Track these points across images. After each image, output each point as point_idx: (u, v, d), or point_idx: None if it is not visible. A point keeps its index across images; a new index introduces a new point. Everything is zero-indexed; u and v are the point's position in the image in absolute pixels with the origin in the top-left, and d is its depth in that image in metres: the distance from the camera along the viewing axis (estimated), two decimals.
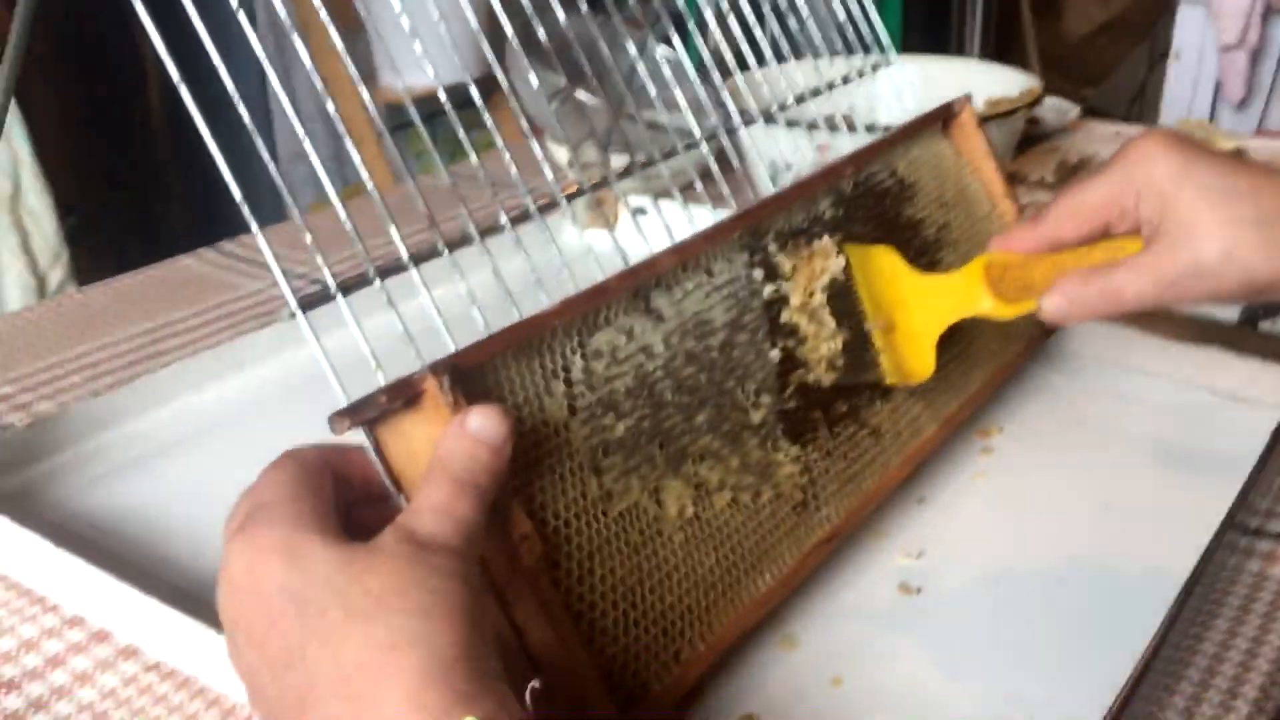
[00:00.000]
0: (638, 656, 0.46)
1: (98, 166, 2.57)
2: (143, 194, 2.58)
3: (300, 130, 0.49)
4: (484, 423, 0.41)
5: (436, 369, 0.42)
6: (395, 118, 2.51)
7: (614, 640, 0.45)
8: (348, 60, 0.50)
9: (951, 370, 0.66)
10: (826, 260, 0.57)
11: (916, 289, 0.60)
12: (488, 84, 0.56)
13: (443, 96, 0.53)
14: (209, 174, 0.43)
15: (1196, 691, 0.50)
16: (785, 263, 0.57)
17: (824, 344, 0.56)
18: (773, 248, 0.56)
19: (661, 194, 0.59)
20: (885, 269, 0.60)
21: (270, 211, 0.43)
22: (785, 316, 0.56)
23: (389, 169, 2.25)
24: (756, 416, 0.54)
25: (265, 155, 0.45)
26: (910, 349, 0.59)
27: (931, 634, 0.53)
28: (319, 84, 0.47)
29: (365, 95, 0.53)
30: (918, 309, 0.59)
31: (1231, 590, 0.57)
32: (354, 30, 0.60)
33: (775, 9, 0.72)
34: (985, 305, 0.58)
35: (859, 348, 0.57)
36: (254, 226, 0.42)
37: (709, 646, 0.48)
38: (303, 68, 0.47)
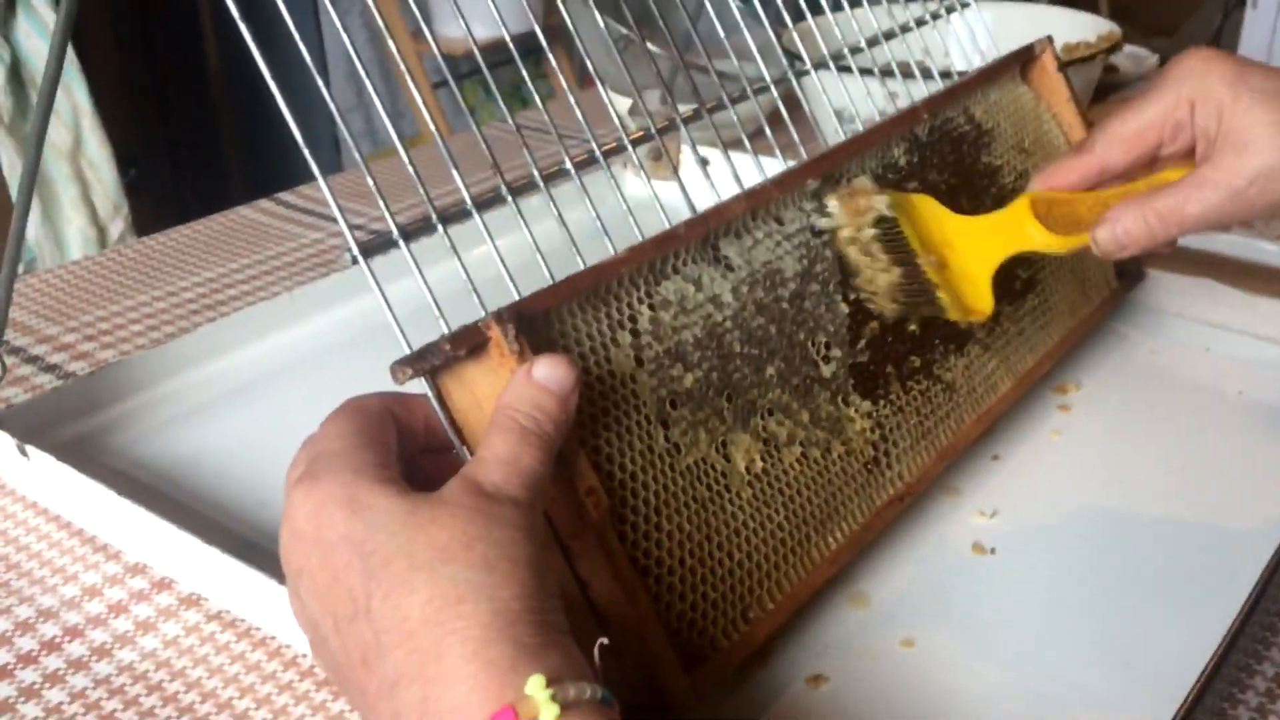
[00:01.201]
0: (705, 614, 0.45)
1: (157, 120, 2.58)
2: (202, 147, 2.59)
3: (363, 72, 0.47)
4: (550, 371, 0.39)
5: (501, 316, 0.40)
6: (450, 70, 2.50)
7: (681, 596, 0.44)
8: (412, 5, 0.49)
9: (1028, 325, 0.63)
10: (869, 197, 0.55)
11: (962, 231, 0.57)
12: (547, 34, 0.55)
13: (509, 43, 0.52)
14: (267, 127, 0.42)
15: None
16: (829, 200, 0.54)
17: (880, 275, 0.54)
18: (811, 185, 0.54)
19: (729, 143, 0.57)
20: (926, 214, 0.57)
21: (324, 167, 0.42)
22: (836, 248, 0.54)
23: (445, 122, 2.24)
24: (827, 370, 0.52)
25: (327, 95, 0.43)
26: (966, 288, 0.57)
27: (1005, 596, 0.51)
28: (381, 23, 0.45)
29: (430, 40, 0.52)
30: (967, 249, 0.57)
31: None
32: None
33: None
34: (1036, 239, 0.56)
35: (915, 282, 0.55)
36: (315, 169, 0.41)
37: (778, 605, 0.47)
38: (357, 19, 0.45)
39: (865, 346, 0.54)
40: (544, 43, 0.54)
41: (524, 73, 0.54)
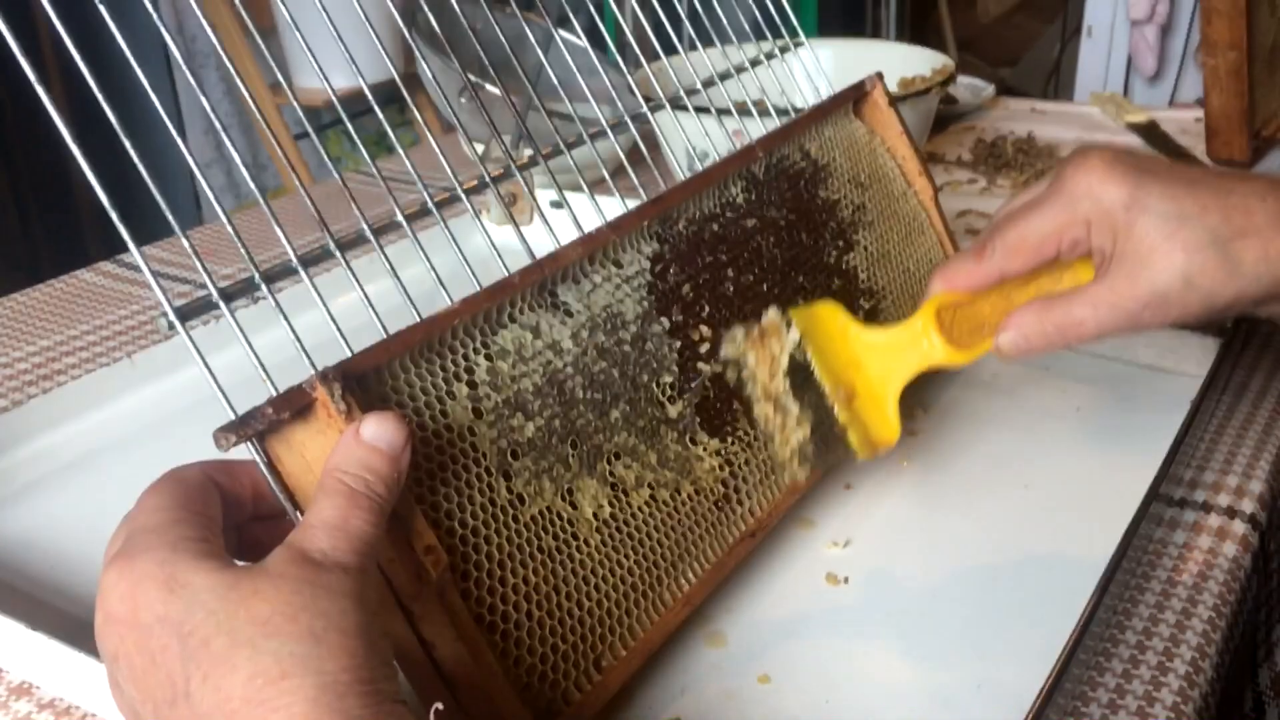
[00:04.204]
0: (555, 666, 0.44)
1: (5, 182, 2.49)
2: (53, 209, 2.50)
3: (178, 144, 0.46)
4: (379, 430, 0.39)
5: (327, 376, 0.39)
6: (315, 120, 2.47)
7: (530, 650, 0.43)
8: (263, 63, 0.48)
9: None
10: (780, 338, 0.53)
11: (869, 347, 0.55)
12: (412, 83, 0.54)
13: (359, 97, 0.51)
14: (121, 184, 0.40)
15: (1127, 669, 0.50)
16: (742, 347, 0.53)
17: (793, 435, 0.52)
18: (739, 335, 0.52)
19: (571, 188, 0.57)
20: (834, 329, 0.55)
21: (185, 223, 0.41)
22: (756, 411, 0.52)
23: (309, 173, 2.20)
24: (674, 410, 0.52)
25: (138, 162, 0.42)
26: (873, 414, 0.55)
27: (859, 625, 0.52)
28: (236, 81, 0.44)
29: (290, 93, 0.51)
30: (874, 368, 0.55)
31: (1159, 563, 0.56)
32: (268, 32, 0.58)
33: None
34: (940, 356, 0.54)
35: (826, 428, 0.53)
36: (125, 235, 0.40)
37: (631, 651, 0.47)
38: (214, 72, 0.44)
39: (711, 383, 0.54)
40: (372, 107, 0.53)
41: (352, 133, 0.53)
